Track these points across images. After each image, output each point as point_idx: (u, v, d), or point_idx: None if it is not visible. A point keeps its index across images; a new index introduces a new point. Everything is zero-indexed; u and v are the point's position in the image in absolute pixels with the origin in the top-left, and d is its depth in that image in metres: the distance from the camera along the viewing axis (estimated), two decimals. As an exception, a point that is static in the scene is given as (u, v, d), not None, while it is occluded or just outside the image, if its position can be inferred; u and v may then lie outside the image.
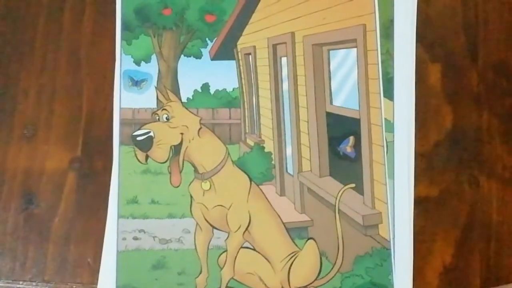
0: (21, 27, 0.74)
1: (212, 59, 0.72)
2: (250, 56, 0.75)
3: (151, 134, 0.68)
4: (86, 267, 0.69)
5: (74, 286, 0.69)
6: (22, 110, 0.72)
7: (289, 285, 0.69)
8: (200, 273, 0.69)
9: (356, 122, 0.71)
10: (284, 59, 0.75)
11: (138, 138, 0.68)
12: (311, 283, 0.69)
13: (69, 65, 0.73)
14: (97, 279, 0.68)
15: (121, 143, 0.71)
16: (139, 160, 0.69)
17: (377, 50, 0.71)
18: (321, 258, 0.69)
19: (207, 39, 0.72)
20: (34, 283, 0.69)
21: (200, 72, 0.72)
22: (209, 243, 0.70)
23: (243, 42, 0.74)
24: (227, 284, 0.69)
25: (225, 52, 0.73)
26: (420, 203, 0.70)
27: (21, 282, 0.69)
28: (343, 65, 0.71)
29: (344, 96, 0.71)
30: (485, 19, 0.73)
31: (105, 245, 0.69)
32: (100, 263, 0.69)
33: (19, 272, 0.69)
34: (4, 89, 0.73)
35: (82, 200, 0.71)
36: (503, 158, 0.71)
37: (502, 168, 0.71)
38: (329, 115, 0.72)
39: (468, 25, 0.73)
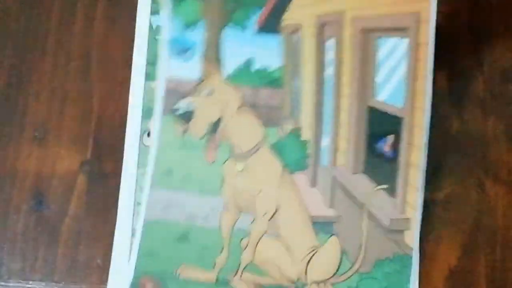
0: (33, 29, 0.75)
1: (259, 30, 0.70)
2: (295, 34, 0.72)
3: (191, 108, 0.68)
4: (95, 268, 0.70)
5: (84, 287, 0.70)
6: (33, 113, 0.73)
7: (306, 277, 0.69)
8: (221, 253, 0.69)
9: (398, 120, 0.69)
10: (330, 41, 0.72)
11: (178, 112, 0.68)
12: (328, 279, 0.68)
13: (80, 67, 0.74)
14: (107, 280, 0.69)
15: (163, 113, 0.70)
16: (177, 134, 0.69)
17: (429, 44, 0.68)
18: (341, 255, 0.69)
19: (255, 7, 0.70)
20: (43, 283, 0.70)
21: (245, 46, 0.69)
22: (234, 225, 0.69)
23: (289, 18, 0.71)
24: (245, 267, 0.69)
25: (272, 23, 0.70)
26: (426, 206, 0.70)
27: (31, 282, 0.70)
28: (391, 57, 0.69)
29: (388, 91, 0.69)
30: (491, 24, 0.74)
31: (115, 246, 0.70)
32: (109, 264, 0.69)
33: (29, 272, 0.70)
34: (15, 92, 0.74)
35: (91, 202, 0.71)
36: (509, 163, 0.71)
37: (508, 173, 0.71)
38: (370, 109, 0.70)
39: (474, 30, 0.74)
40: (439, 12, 0.69)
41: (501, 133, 0.72)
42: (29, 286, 0.70)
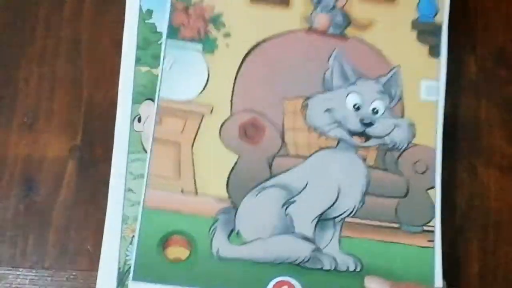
0: (22, 15, 0.74)
1: None
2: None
3: None
4: (86, 255, 0.70)
5: (74, 273, 0.69)
6: (23, 98, 0.73)
7: None
8: None
9: None
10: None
11: None
12: None
13: (70, 53, 0.73)
14: (97, 266, 0.68)
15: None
16: None
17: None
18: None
19: None
20: (34, 270, 0.69)
21: None
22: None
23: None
24: None
25: None
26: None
27: (21, 269, 0.69)
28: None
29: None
30: (484, 7, 0.74)
31: (106, 232, 0.69)
32: (100, 250, 0.69)
33: (19, 259, 0.69)
34: (4, 77, 0.73)
35: (82, 188, 0.71)
36: (502, 147, 0.71)
37: (500, 156, 0.71)
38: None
39: (466, 13, 0.74)
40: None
41: (494, 117, 0.72)
42: (19, 273, 0.69)
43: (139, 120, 0.71)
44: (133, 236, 0.68)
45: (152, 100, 0.70)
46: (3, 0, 0.74)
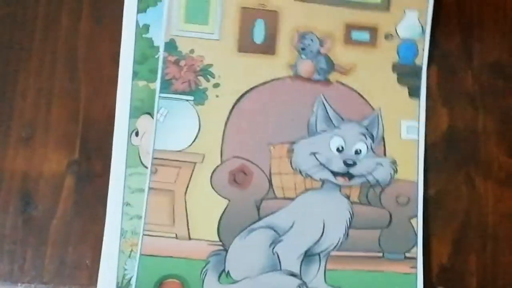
0: (19, 28, 0.74)
1: None
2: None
3: None
4: (84, 269, 0.69)
5: (73, 288, 0.69)
6: (20, 113, 0.73)
7: None
8: None
9: None
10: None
11: None
12: None
13: (67, 67, 0.73)
14: (96, 280, 0.69)
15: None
16: None
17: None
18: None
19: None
20: (32, 285, 0.69)
21: None
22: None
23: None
24: None
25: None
26: (417, 203, 0.70)
27: (19, 284, 0.69)
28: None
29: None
30: (480, 19, 0.74)
31: (104, 246, 0.69)
32: (98, 264, 0.69)
33: (18, 274, 0.69)
34: (1, 92, 0.73)
35: (80, 203, 0.71)
36: (499, 158, 0.71)
37: (498, 168, 0.71)
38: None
39: (463, 25, 0.74)
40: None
41: (491, 129, 0.72)
42: (18, 288, 0.69)
43: (137, 134, 0.71)
44: (131, 250, 0.69)
45: (150, 114, 0.71)
46: (0, 14, 0.74)
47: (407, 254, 0.69)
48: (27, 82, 0.73)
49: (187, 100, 0.71)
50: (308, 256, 0.69)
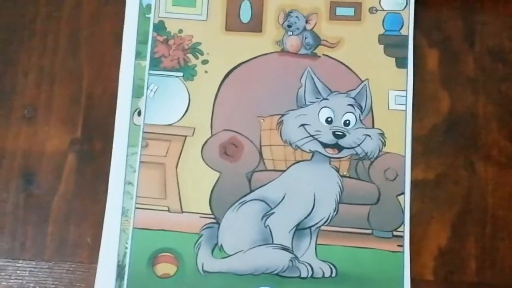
0: (21, 8, 0.74)
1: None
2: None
3: None
4: (85, 247, 0.70)
5: (74, 265, 0.69)
6: (22, 92, 0.73)
7: None
8: None
9: None
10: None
11: None
12: None
13: (70, 46, 0.74)
14: (97, 258, 0.69)
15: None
16: None
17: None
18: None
19: None
20: (33, 262, 0.69)
21: None
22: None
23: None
24: None
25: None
26: (416, 186, 0.70)
27: (20, 261, 0.70)
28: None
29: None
30: (482, 3, 0.74)
31: (105, 224, 0.70)
32: (100, 242, 0.69)
33: (19, 252, 0.70)
34: (4, 71, 0.73)
35: (81, 181, 0.71)
36: (499, 143, 0.72)
37: (498, 152, 0.71)
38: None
39: (465, 10, 0.74)
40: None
41: (491, 113, 0.72)
42: (19, 265, 0.69)
43: (139, 114, 0.72)
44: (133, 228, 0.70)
45: (152, 93, 0.72)
46: (3, -6, 0.75)
47: (395, 233, 0.70)
48: (30, 62, 0.73)
49: (177, 76, 0.72)
50: (299, 230, 0.70)
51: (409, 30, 0.73)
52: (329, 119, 0.71)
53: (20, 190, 0.71)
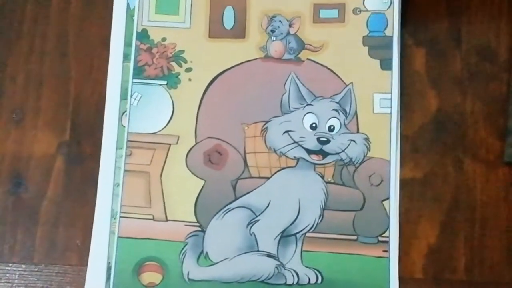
0: (8, 10, 0.74)
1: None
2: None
3: None
4: (75, 250, 0.70)
5: (63, 268, 0.69)
6: (10, 95, 0.73)
7: None
8: None
9: None
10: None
11: None
12: None
13: (57, 49, 0.74)
14: (86, 261, 0.69)
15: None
16: None
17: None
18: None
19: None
20: (23, 266, 0.69)
21: None
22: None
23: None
24: None
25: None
26: (405, 185, 0.71)
27: (10, 265, 0.69)
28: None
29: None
30: (468, 3, 0.74)
31: (95, 227, 0.70)
32: (89, 245, 0.69)
33: (8, 255, 0.70)
34: (-8, 74, 0.73)
35: (70, 184, 0.71)
36: (487, 141, 0.72)
37: (485, 151, 0.72)
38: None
39: (451, 9, 0.74)
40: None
41: (479, 112, 0.72)
42: (9, 268, 0.69)
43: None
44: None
45: (140, 95, 0.72)
46: (-10, -3, 0.75)
47: (380, 238, 0.70)
48: (17, 65, 0.73)
49: (160, 85, 0.72)
50: (284, 237, 0.70)
51: (393, 30, 0.73)
52: (314, 125, 0.71)
53: (9, 194, 0.71)
